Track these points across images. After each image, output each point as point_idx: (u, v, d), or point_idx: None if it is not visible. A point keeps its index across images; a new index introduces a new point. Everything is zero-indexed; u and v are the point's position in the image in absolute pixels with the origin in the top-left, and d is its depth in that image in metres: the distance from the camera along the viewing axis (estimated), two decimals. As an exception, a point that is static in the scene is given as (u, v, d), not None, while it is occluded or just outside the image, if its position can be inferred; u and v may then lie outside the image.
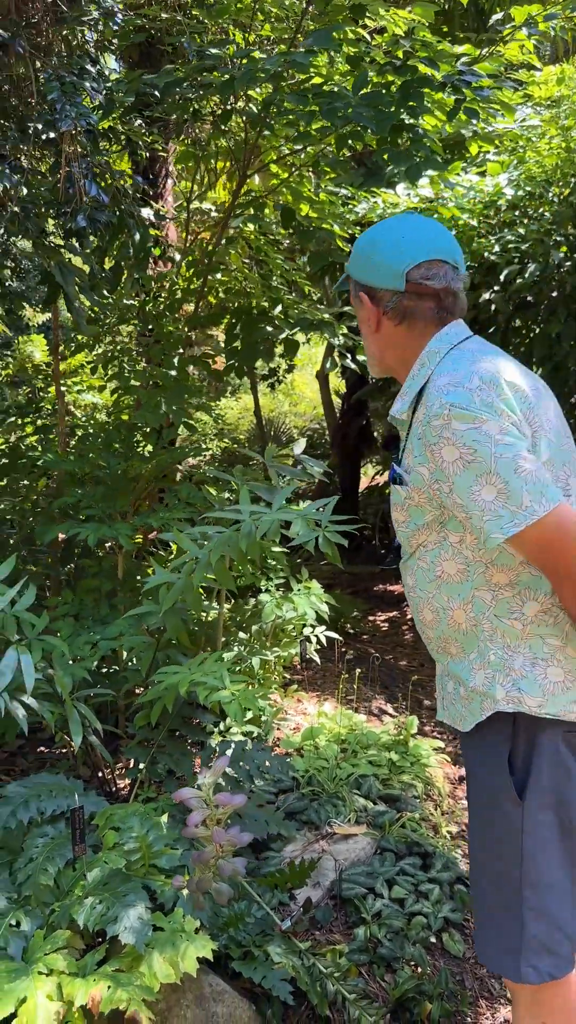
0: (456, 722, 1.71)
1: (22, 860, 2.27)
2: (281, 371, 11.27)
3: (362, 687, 4.27)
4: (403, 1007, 2.25)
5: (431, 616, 1.68)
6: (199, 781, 1.69)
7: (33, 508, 3.56)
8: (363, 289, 1.67)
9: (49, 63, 2.69)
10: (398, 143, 3.25)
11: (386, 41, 3.52)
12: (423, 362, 1.63)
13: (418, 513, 1.62)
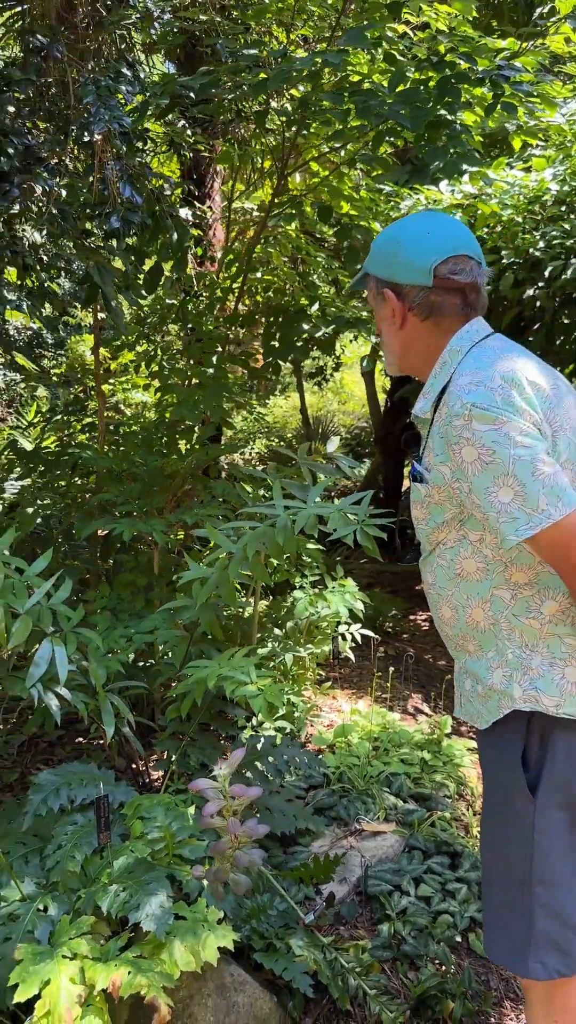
0: (473, 719, 1.71)
1: (51, 846, 2.32)
2: (328, 369, 11.28)
3: (399, 685, 4.26)
4: (425, 1004, 2.24)
5: (450, 613, 1.69)
6: (215, 772, 1.71)
7: (74, 504, 3.63)
8: (388, 286, 1.66)
9: (86, 67, 2.75)
10: (435, 140, 3.24)
11: (426, 37, 3.51)
12: (444, 360, 1.63)
13: (438, 511, 1.63)
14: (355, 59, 3.71)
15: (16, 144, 2.55)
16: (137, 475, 3.42)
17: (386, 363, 1.78)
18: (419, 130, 3.04)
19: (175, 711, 2.78)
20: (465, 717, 1.75)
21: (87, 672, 2.71)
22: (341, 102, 3.09)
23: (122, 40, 3.94)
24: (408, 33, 4.05)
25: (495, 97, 3.20)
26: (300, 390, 9.32)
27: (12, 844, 2.46)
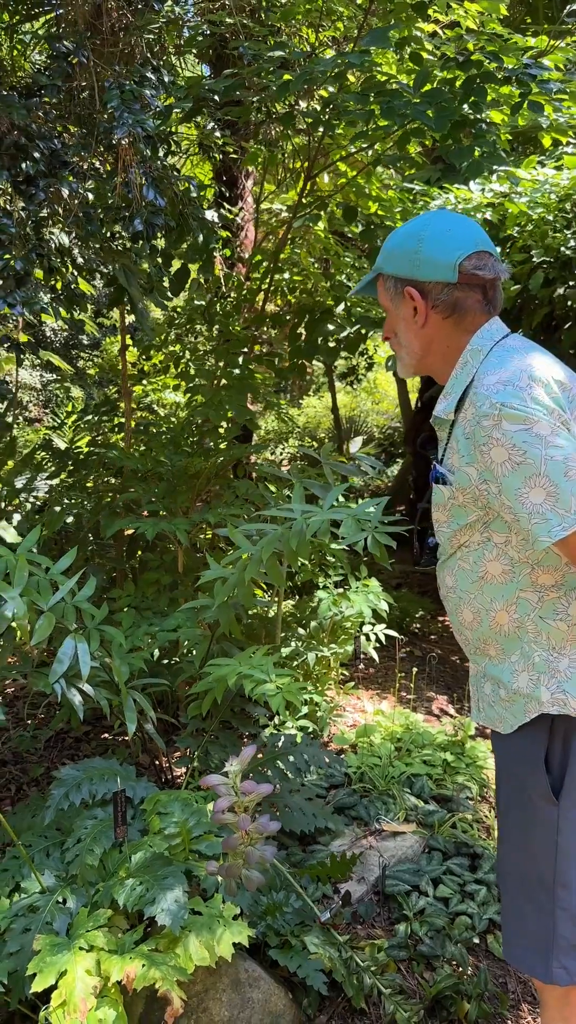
0: (494, 724, 1.69)
1: (72, 840, 2.36)
2: (361, 369, 11.26)
3: (424, 687, 4.25)
4: (440, 1005, 2.24)
5: (471, 617, 1.66)
6: (226, 768, 1.73)
7: (100, 503, 3.67)
8: (409, 284, 1.62)
9: (111, 71, 2.78)
10: (460, 139, 3.23)
11: (453, 36, 3.50)
12: (466, 360, 1.61)
13: (461, 513, 1.61)
14: (382, 59, 3.71)
15: (42, 148, 2.60)
16: (162, 475, 3.45)
17: (401, 365, 1.74)
18: (443, 130, 3.03)
19: (196, 708, 2.80)
20: (484, 722, 1.73)
21: (110, 669, 2.74)
22: (366, 103, 3.09)
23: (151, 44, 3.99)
24: (438, 32, 4.04)
25: (522, 96, 3.18)
26: (332, 390, 9.32)
27: (35, 837, 2.51)
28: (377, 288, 1.73)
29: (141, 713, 2.79)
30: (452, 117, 3.04)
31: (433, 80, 3.34)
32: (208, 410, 3.46)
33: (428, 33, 4.11)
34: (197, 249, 3.41)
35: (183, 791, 2.47)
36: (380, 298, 1.72)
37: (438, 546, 1.80)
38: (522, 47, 3.52)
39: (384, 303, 1.71)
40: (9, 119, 2.53)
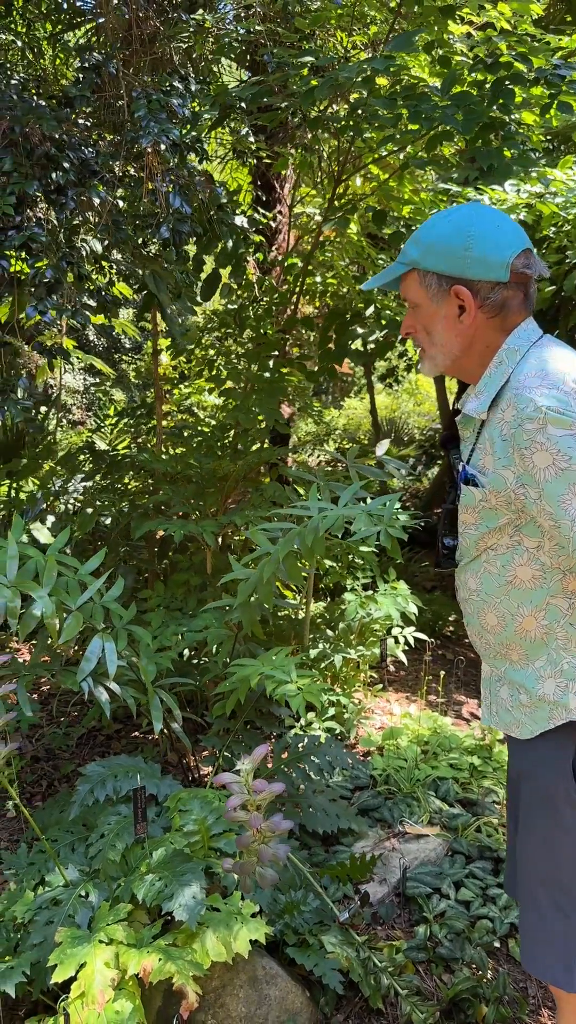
0: (510, 728, 1.67)
1: (95, 835, 2.41)
2: (400, 370, 11.23)
3: (454, 690, 4.24)
4: (457, 1008, 2.25)
5: (495, 621, 1.63)
6: (238, 767, 1.76)
7: (132, 505, 3.74)
8: (458, 283, 1.55)
9: (140, 81, 2.84)
10: (489, 141, 3.22)
11: (482, 38, 3.49)
12: (500, 360, 1.56)
13: (491, 516, 1.57)
14: (413, 61, 3.71)
15: (72, 158, 2.66)
16: (191, 477, 3.50)
17: (431, 364, 1.65)
18: (471, 133, 3.02)
19: (220, 708, 2.84)
20: (497, 726, 1.71)
21: (138, 668, 2.79)
22: (394, 107, 3.10)
23: (186, 52, 4.05)
24: (472, 33, 4.03)
25: (551, 97, 3.17)
26: (371, 392, 9.31)
27: (61, 832, 2.57)
28: (404, 281, 1.63)
29: (168, 712, 2.84)
30: (480, 119, 3.04)
31: (462, 82, 3.34)
32: (239, 413, 3.50)
33: (462, 34, 4.11)
34: (227, 254, 3.45)
35: (204, 789, 2.50)
36: (409, 292, 1.62)
37: (454, 548, 1.78)
38: (553, 47, 3.50)
39: (416, 298, 1.61)
40: (40, 130, 2.60)
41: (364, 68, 2.91)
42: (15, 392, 2.78)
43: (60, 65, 5.25)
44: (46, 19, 5.09)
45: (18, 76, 4.68)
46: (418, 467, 12.08)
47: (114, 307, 3.12)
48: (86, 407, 12.07)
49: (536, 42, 3.45)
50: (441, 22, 3.38)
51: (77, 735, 3.70)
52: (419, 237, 1.59)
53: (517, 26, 3.76)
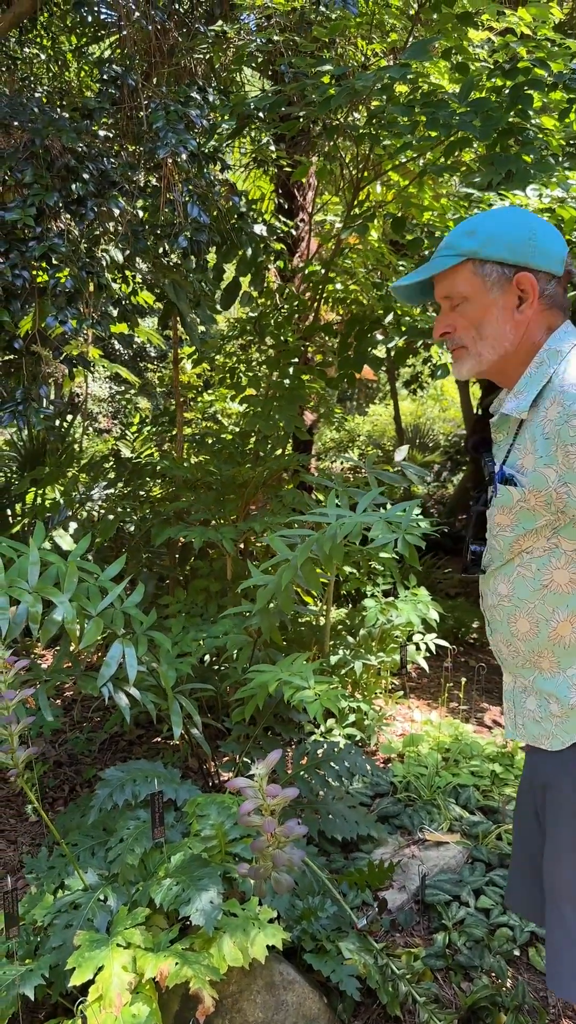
0: (539, 741, 1.63)
1: (114, 840, 2.43)
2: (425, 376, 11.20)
3: (477, 697, 4.22)
4: (476, 1016, 2.23)
5: (528, 627, 1.59)
6: (252, 771, 1.77)
7: (154, 512, 3.77)
8: (523, 270, 1.52)
9: (159, 93, 2.87)
10: (508, 147, 3.22)
11: (500, 44, 3.50)
12: (542, 360, 1.54)
13: (528, 517, 1.53)
14: (433, 68, 3.72)
15: (92, 169, 2.69)
16: (211, 484, 3.52)
17: (473, 363, 1.58)
18: (489, 139, 3.03)
19: (240, 714, 2.85)
20: (525, 739, 1.67)
21: (158, 674, 2.81)
22: (412, 114, 3.11)
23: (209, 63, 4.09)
24: (492, 38, 4.03)
25: (569, 102, 3.16)
26: (394, 398, 9.30)
27: (81, 836, 2.59)
28: (449, 276, 1.56)
29: (188, 718, 2.86)
30: (499, 125, 3.04)
31: (480, 88, 3.34)
32: (259, 420, 3.52)
33: (481, 40, 4.11)
34: (247, 263, 3.47)
35: (221, 795, 2.51)
36: (457, 286, 1.55)
37: (481, 553, 1.72)
38: (573, 52, 3.49)
39: (466, 291, 1.55)
40: (61, 142, 2.63)
41: (382, 76, 2.92)
42: (38, 401, 2.82)
43: (85, 77, 5.32)
44: (71, 32, 5.16)
45: (42, 89, 4.75)
46: (443, 473, 12.04)
47: (136, 316, 3.15)
48: (112, 415, 12.18)
49: (556, 47, 3.45)
50: (459, 29, 3.38)
51: (99, 740, 3.72)
52: (473, 230, 1.54)
53: (536, 31, 3.75)
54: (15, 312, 2.70)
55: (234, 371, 4.35)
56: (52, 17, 4.94)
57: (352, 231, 3.48)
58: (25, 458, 4.77)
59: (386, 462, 8.51)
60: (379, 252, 4.52)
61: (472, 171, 4.03)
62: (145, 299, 4.08)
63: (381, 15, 3.78)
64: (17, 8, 3.54)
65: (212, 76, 4.36)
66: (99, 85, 2.90)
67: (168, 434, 4.60)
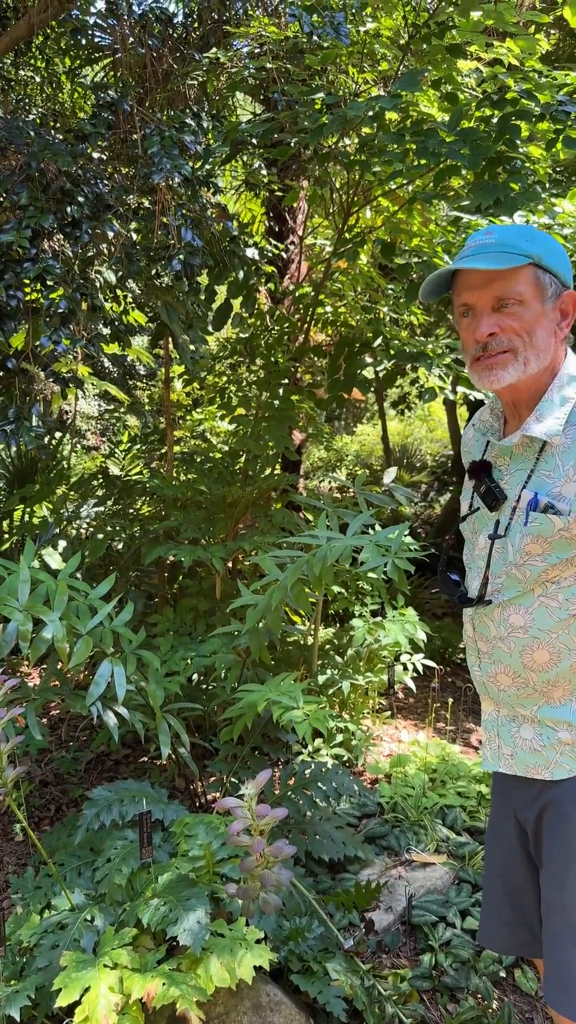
0: (535, 771, 1.61)
1: (101, 860, 2.42)
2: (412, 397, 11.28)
3: (464, 718, 4.23)
4: (462, 1038, 2.24)
5: (547, 658, 1.54)
6: (241, 791, 1.78)
7: (143, 530, 3.78)
8: (570, 290, 1.53)
9: (154, 118, 2.91)
10: (496, 175, 3.28)
11: (488, 75, 3.57)
12: (563, 384, 1.53)
13: (565, 547, 1.49)
14: (423, 97, 3.79)
15: (87, 193, 2.73)
16: (201, 503, 3.54)
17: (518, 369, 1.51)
18: (478, 168, 3.08)
19: (228, 734, 2.85)
20: (514, 769, 1.64)
21: (146, 693, 2.81)
22: (402, 142, 3.16)
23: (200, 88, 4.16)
24: (480, 69, 4.11)
25: (556, 132, 3.23)
26: (382, 418, 9.37)
27: (67, 856, 2.58)
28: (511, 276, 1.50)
29: (176, 737, 2.86)
30: (487, 154, 3.10)
31: (469, 118, 3.41)
32: (248, 440, 3.55)
33: (470, 70, 4.18)
34: (239, 285, 3.51)
35: (209, 815, 2.51)
36: (518, 287, 1.49)
37: (458, 583, 1.70)
38: (559, 83, 3.57)
39: (524, 295, 1.50)
40: (56, 166, 2.67)
41: (373, 104, 2.98)
42: (29, 419, 2.84)
43: (78, 99, 5.38)
44: (65, 55, 5.22)
45: (36, 111, 4.80)
46: (430, 493, 12.11)
47: (128, 336, 3.18)
48: (100, 432, 12.19)
49: (543, 78, 3.52)
50: (449, 60, 3.45)
51: (86, 760, 3.71)
52: (530, 235, 1.51)
53: (524, 62, 3.83)
54: (8, 331, 2.72)
55: (224, 391, 4.38)
56: (47, 40, 5.00)
57: (342, 256, 3.53)
58: (14, 476, 4.77)
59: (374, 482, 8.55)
60: (368, 276, 4.58)
61: (461, 196, 4.10)
62: (136, 319, 4.12)
63: (372, 45, 3.85)
64: (14, 32, 3.58)
65: (205, 100, 4.42)
66: (94, 109, 2.94)
67: (157, 452, 4.63)
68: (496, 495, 1.59)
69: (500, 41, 3.83)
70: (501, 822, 1.75)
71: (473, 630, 1.68)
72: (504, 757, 1.66)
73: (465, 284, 1.53)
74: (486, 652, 1.65)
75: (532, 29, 5.51)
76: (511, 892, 1.73)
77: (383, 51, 3.96)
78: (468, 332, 1.55)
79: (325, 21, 3.30)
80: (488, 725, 1.72)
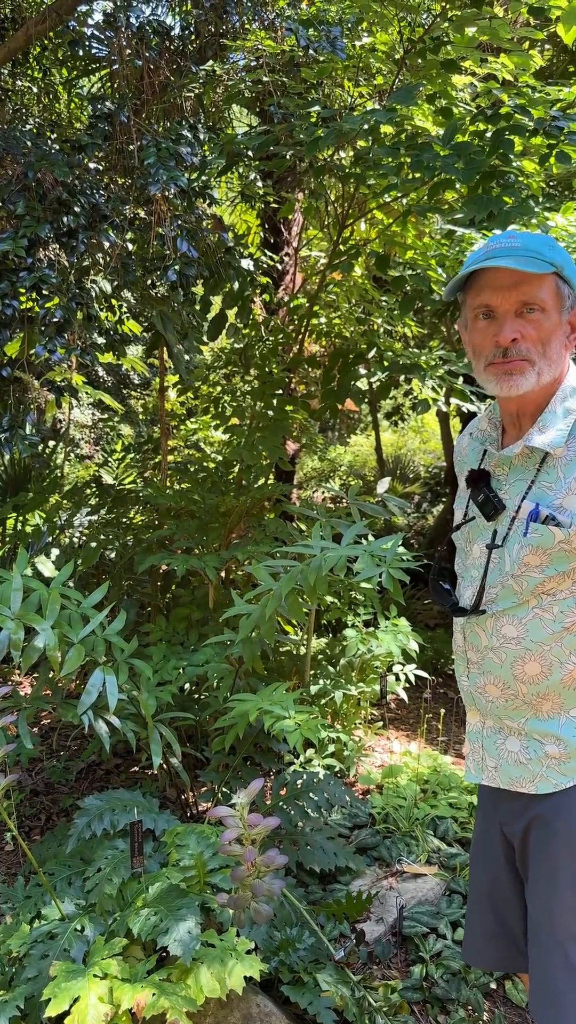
0: (518, 783, 1.60)
1: (92, 869, 2.42)
2: (406, 408, 11.32)
3: (456, 728, 4.23)
4: (452, 1050, 2.23)
5: (538, 670, 1.54)
6: (234, 801, 1.78)
7: (136, 539, 3.78)
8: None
9: (150, 130, 2.93)
10: (490, 189, 3.31)
11: (483, 91, 3.60)
12: (565, 396, 1.54)
13: (564, 559, 1.49)
14: (418, 111, 3.83)
15: (83, 203, 2.74)
16: (195, 512, 3.55)
17: (532, 378, 1.51)
18: (472, 182, 3.11)
19: (220, 743, 2.85)
20: (498, 781, 1.64)
21: (139, 702, 2.81)
22: (397, 156, 3.19)
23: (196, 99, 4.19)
24: (475, 83, 4.15)
25: (549, 148, 3.26)
26: (376, 429, 9.39)
27: (58, 866, 2.57)
28: (535, 283, 1.49)
29: (167, 747, 2.85)
30: (481, 168, 3.13)
31: (464, 132, 3.44)
32: (242, 450, 3.56)
33: (465, 84, 4.22)
34: (233, 296, 3.53)
35: (200, 824, 2.51)
36: (540, 295, 1.49)
37: (448, 592, 1.69)
38: (552, 99, 3.60)
39: (545, 303, 1.49)
40: (52, 176, 2.68)
41: (368, 118, 3.01)
42: (23, 428, 2.84)
43: (75, 110, 5.41)
44: (62, 65, 5.25)
45: (33, 121, 4.82)
46: (423, 504, 12.13)
47: (123, 345, 3.19)
48: (94, 441, 12.19)
49: (537, 93, 3.56)
50: (444, 75, 3.48)
51: (76, 769, 3.70)
52: (554, 246, 1.50)
53: (518, 78, 3.87)
54: (3, 340, 2.73)
55: (219, 401, 4.40)
56: (44, 51, 5.03)
57: (337, 267, 3.55)
58: (7, 484, 4.78)
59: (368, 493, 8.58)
60: (362, 288, 4.60)
61: (455, 209, 4.13)
62: (132, 328, 4.14)
63: (367, 59, 3.88)
64: (11, 43, 3.60)
65: (202, 112, 4.45)
66: (91, 119, 2.96)
67: (151, 461, 4.64)
68: (495, 505, 1.58)
69: (495, 57, 3.87)
70: (487, 836, 1.74)
71: (464, 640, 1.67)
72: (488, 769, 1.66)
73: (489, 284, 1.51)
74: (476, 663, 1.64)
75: (526, 45, 5.56)
76: (496, 906, 1.73)
77: (378, 65, 3.99)
78: (486, 335, 1.53)
79: (321, 35, 3.33)
80: (472, 736, 1.71)
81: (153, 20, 3.60)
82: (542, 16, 3.44)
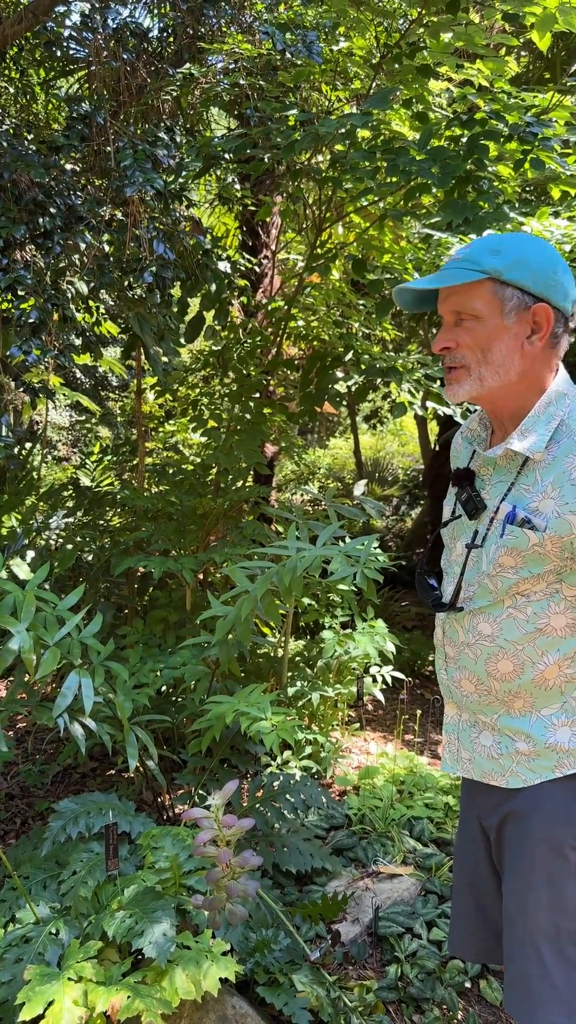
0: (490, 777, 1.62)
1: (67, 872, 2.41)
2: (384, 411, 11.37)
3: (431, 729, 4.26)
4: (427, 1049, 2.24)
5: (510, 668, 1.56)
6: (208, 802, 1.78)
7: (113, 541, 3.77)
8: (542, 302, 1.49)
9: (127, 132, 2.93)
10: (465, 194, 3.34)
11: (458, 96, 3.63)
12: (550, 400, 1.53)
13: (537, 562, 1.51)
14: (395, 116, 3.85)
15: (59, 204, 2.74)
16: (172, 514, 3.54)
17: (472, 385, 1.53)
18: (447, 186, 3.13)
19: (196, 746, 2.85)
20: (471, 774, 1.66)
21: (115, 704, 2.80)
22: (373, 160, 3.21)
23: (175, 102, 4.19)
24: (451, 89, 4.18)
25: (523, 153, 3.29)
26: (354, 432, 9.44)
27: (33, 869, 2.56)
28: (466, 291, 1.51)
29: (144, 750, 2.85)
30: (456, 173, 3.15)
31: (439, 137, 3.47)
32: (219, 453, 3.56)
33: (442, 90, 4.25)
34: (211, 298, 3.53)
35: (176, 827, 2.51)
36: (472, 303, 1.50)
37: (434, 587, 1.71)
38: (527, 105, 3.64)
39: (480, 310, 1.50)
40: (28, 177, 2.67)
41: (345, 122, 3.02)
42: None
43: (52, 111, 5.39)
44: (39, 66, 5.23)
45: (10, 121, 4.80)
46: (401, 507, 12.18)
47: (99, 346, 3.19)
48: (72, 443, 12.14)
49: (512, 99, 3.59)
50: (420, 80, 3.51)
51: (52, 773, 3.68)
52: (498, 249, 1.50)
53: (493, 83, 3.90)
54: (-22, 341, 2.72)
55: (196, 403, 4.39)
56: (22, 51, 5.01)
57: (315, 271, 3.57)
58: (-17, 486, 4.75)
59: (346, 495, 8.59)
60: (340, 291, 4.62)
61: (431, 214, 4.16)
62: (109, 329, 4.13)
63: (344, 64, 3.90)
64: (-12, 44, 3.58)
65: (179, 115, 4.45)
66: (68, 121, 2.95)
67: (129, 464, 4.62)
68: (476, 504, 1.61)
69: (470, 62, 3.91)
70: (468, 828, 1.77)
71: (443, 634, 1.70)
72: (463, 761, 1.69)
73: (438, 297, 1.59)
74: (453, 657, 1.67)
75: (502, 51, 5.61)
76: (478, 897, 1.75)
77: (355, 70, 4.01)
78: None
79: (298, 39, 3.34)
80: (449, 728, 1.74)
81: (131, 22, 3.59)
82: (517, 23, 3.47)
